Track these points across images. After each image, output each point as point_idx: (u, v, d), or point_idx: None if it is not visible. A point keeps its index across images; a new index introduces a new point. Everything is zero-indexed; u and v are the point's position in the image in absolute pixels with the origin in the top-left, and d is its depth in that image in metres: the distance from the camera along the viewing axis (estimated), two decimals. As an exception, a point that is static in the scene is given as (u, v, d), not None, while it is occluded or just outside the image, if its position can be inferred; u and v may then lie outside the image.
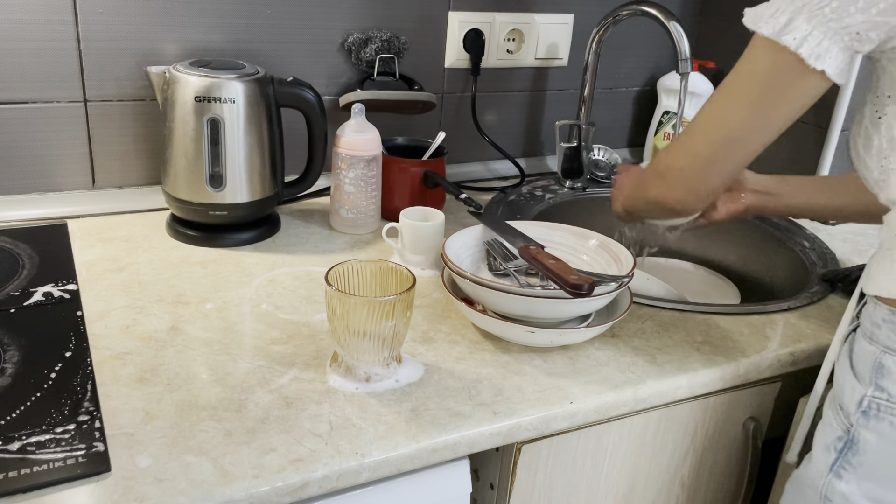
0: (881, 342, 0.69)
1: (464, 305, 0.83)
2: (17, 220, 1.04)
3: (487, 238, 0.95)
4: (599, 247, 0.93)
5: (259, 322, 0.84)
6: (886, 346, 0.69)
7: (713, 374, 0.83)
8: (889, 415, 0.69)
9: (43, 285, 0.87)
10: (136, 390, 0.71)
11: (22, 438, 0.63)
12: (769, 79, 0.70)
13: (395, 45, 1.22)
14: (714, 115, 0.75)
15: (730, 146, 0.74)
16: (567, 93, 1.45)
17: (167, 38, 1.09)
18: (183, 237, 1.03)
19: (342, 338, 0.73)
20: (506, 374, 0.79)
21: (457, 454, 0.70)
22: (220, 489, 0.60)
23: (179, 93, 0.97)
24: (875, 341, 0.70)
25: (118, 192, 1.13)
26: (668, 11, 1.16)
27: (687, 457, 0.90)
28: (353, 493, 0.68)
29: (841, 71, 0.68)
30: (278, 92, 1.03)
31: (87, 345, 0.77)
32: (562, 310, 0.81)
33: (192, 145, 0.98)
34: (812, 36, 0.66)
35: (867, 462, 0.70)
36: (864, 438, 0.70)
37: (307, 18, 1.17)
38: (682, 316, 0.94)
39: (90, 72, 1.06)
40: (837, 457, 0.72)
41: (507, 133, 1.42)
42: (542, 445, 0.78)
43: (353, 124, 1.07)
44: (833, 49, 0.66)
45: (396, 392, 0.74)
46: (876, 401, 0.69)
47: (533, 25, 1.34)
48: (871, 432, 0.70)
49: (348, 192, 1.07)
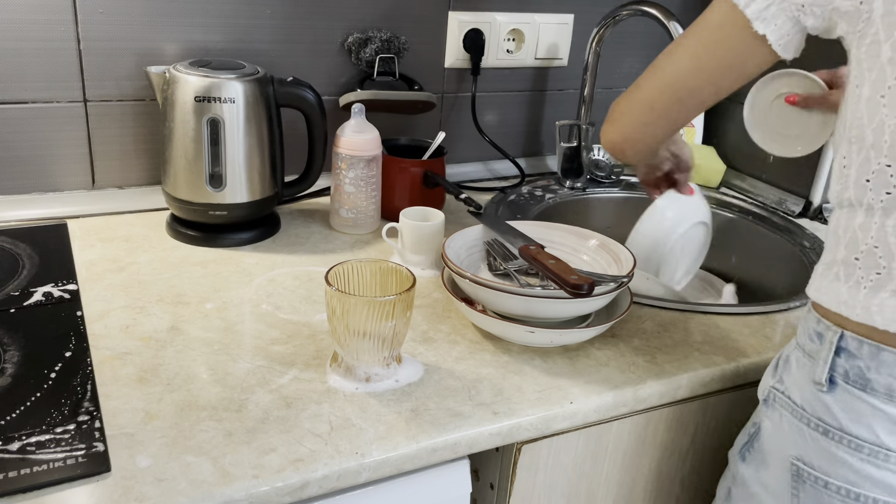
0: (797, 338, 0.72)
1: (464, 305, 0.83)
2: (17, 220, 1.04)
3: (487, 238, 0.95)
4: (599, 247, 0.93)
5: (259, 322, 0.84)
6: (798, 343, 0.71)
7: (713, 374, 0.83)
8: (780, 406, 0.71)
9: (43, 285, 0.87)
10: (136, 390, 0.71)
11: (22, 438, 0.63)
12: (716, 32, 0.71)
13: (395, 45, 1.22)
14: (662, 60, 0.77)
15: (669, 94, 0.75)
16: (567, 93, 1.45)
17: (167, 38, 1.09)
18: (183, 237, 1.03)
19: (342, 338, 0.73)
20: (506, 374, 0.79)
21: (457, 454, 0.70)
22: (220, 489, 0.60)
23: (179, 93, 0.97)
24: (796, 337, 0.73)
25: (118, 192, 1.13)
26: (668, 11, 1.16)
27: (687, 457, 0.90)
28: (353, 493, 0.68)
29: (785, 42, 0.68)
30: (278, 92, 1.03)
31: (87, 345, 0.77)
32: (562, 310, 0.81)
33: (192, 145, 0.98)
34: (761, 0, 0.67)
35: (763, 448, 0.73)
36: (764, 426, 0.74)
37: (307, 18, 1.17)
38: (682, 316, 0.94)
39: (90, 72, 1.06)
40: (747, 440, 0.76)
41: (507, 133, 1.42)
42: (542, 445, 0.78)
43: (353, 124, 1.07)
44: (780, 17, 0.66)
45: (396, 392, 0.74)
46: (774, 391, 0.73)
47: (533, 25, 1.34)
48: (768, 420, 0.73)
49: (348, 192, 1.08)
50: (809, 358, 0.68)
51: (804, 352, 0.69)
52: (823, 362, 0.66)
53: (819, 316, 0.68)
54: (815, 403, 0.67)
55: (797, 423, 0.69)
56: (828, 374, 0.66)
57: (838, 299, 0.66)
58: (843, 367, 0.65)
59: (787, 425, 0.70)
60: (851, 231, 0.65)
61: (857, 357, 0.64)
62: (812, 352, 0.68)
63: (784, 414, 0.71)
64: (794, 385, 0.70)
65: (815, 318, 0.69)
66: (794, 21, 0.66)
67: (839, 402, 0.65)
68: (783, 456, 0.70)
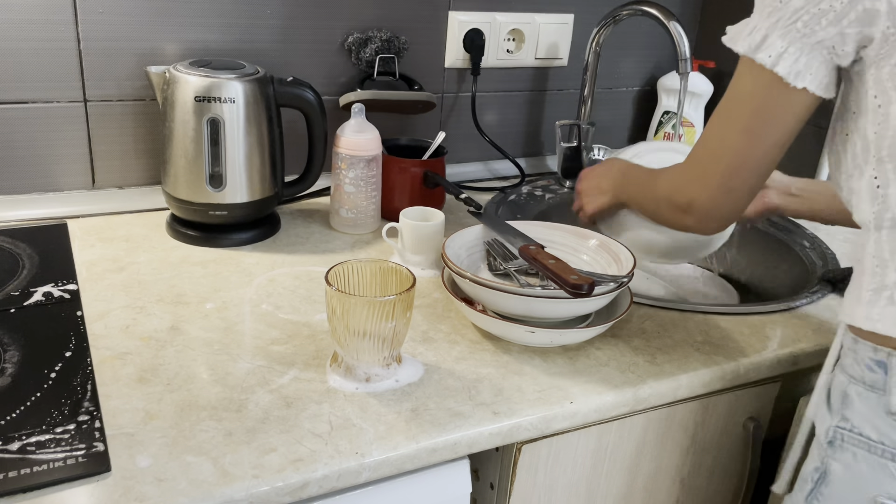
0: (847, 371, 0.69)
1: (464, 305, 0.83)
2: (17, 220, 1.04)
3: (487, 238, 0.95)
4: (599, 247, 0.93)
5: (259, 322, 0.84)
6: (851, 376, 0.68)
7: (713, 374, 0.83)
8: (851, 445, 0.68)
9: (43, 285, 0.87)
10: (136, 390, 0.71)
11: (22, 438, 0.63)
12: (754, 100, 0.68)
13: (395, 45, 1.22)
14: (714, 142, 0.73)
15: (737, 172, 0.72)
16: (567, 93, 1.45)
17: (167, 38, 1.09)
18: (183, 237, 1.03)
19: (342, 338, 0.73)
20: (506, 374, 0.79)
21: (457, 454, 0.70)
22: (220, 489, 0.60)
23: (179, 93, 0.97)
24: (844, 370, 0.69)
25: (118, 192, 1.13)
26: (668, 11, 1.16)
27: (687, 457, 0.90)
28: (353, 493, 0.68)
29: (825, 86, 0.65)
30: (278, 92, 1.03)
31: (87, 345, 0.77)
32: (562, 310, 0.81)
33: (192, 145, 0.98)
34: (788, 53, 0.64)
35: (834, 493, 0.69)
36: (833, 469, 0.69)
37: (307, 18, 1.17)
38: (682, 316, 0.94)
39: (90, 72, 1.06)
40: (813, 487, 0.72)
41: (507, 133, 1.42)
42: (542, 445, 0.78)
43: (353, 124, 1.07)
44: (813, 64, 0.64)
45: (396, 392, 0.74)
46: (840, 431, 0.68)
47: (533, 25, 1.34)
48: (837, 462, 0.69)
49: (348, 192, 1.07)
50: (874, 389, 0.65)
51: (865, 384, 0.66)
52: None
53: (875, 345, 0.65)
54: (894, 435, 0.64)
55: (879, 460, 0.65)
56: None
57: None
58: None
59: (864, 465, 0.66)
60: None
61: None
62: (876, 382, 0.65)
63: (859, 453, 0.67)
64: (863, 421, 0.66)
65: (871, 348, 0.65)
66: (828, 62, 0.64)
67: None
68: (864, 497, 0.67)
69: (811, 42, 0.63)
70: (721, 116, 0.72)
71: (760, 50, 0.65)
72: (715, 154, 0.73)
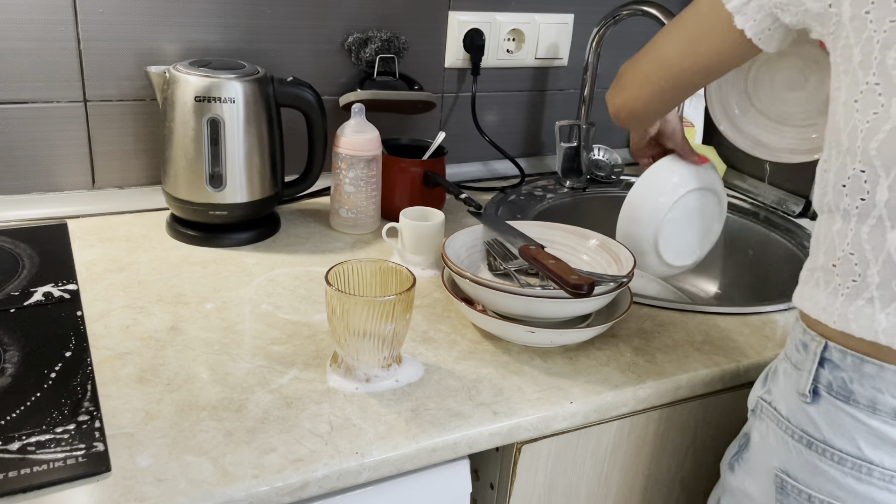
0: (785, 349, 0.71)
1: (464, 305, 0.83)
2: (17, 220, 1.04)
3: (487, 238, 0.95)
4: (599, 247, 0.93)
5: (259, 322, 0.84)
6: (786, 353, 0.71)
7: (713, 374, 0.83)
8: (767, 417, 0.71)
9: (43, 285, 0.87)
10: (136, 390, 0.71)
11: (22, 438, 0.63)
12: (703, 21, 0.73)
13: (395, 45, 1.22)
14: (659, 40, 0.80)
15: (664, 72, 0.79)
16: (567, 93, 1.45)
17: (167, 38, 1.09)
18: (183, 237, 1.03)
19: (342, 338, 0.73)
20: (506, 374, 0.79)
21: (457, 454, 0.70)
22: (220, 489, 0.60)
23: (179, 93, 0.97)
24: (784, 347, 0.72)
25: (118, 192, 1.13)
26: (668, 11, 1.16)
27: (687, 457, 0.90)
28: (353, 493, 0.68)
29: (765, 37, 0.69)
30: (278, 92, 1.03)
31: (87, 345, 0.77)
32: (562, 310, 0.81)
33: (192, 145, 0.98)
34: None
35: (750, 459, 0.73)
36: (753, 437, 0.73)
37: (307, 18, 1.17)
38: (682, 316, 0.94)
39: (90, 72, 1.06)
40: (737, 451, 0.76)
41: (507, 133, 1.42)
42: (542, 445, 0.78)
43: (353, 124, 1.07)
44: (759, 13, 0.68)
45: (396, 392, 0.74)
46: (762, 402, 0.72)
47: (533, 25, 1.34)
48: (756, 432, 0.73)
49: (348, 192, 1.08)
50: (795, 369, 0.68)
51: (791, 363, 0.69)
52: (808, 373, 0.66)
53: (805, 326, 0.68)
54: (799, 415, 0.67)
55: (782, 435, 0.68)
56: (812, 385, 0.65)
57: (817, 306, 0.65)
58: (827, 379, 0.65)
59: (772, 437, 0.70)
60: (830, 237, 0.65)
61: (840, 368, 0.64)
62: (798, 362, 0.68)
63: (770, 425, 0.70)
64: (780, 396, 0.70)
65: (802, 328, 0.68)
66: (774, 17, 0.67)
67: (823, 415, 0.65)
68: (769, 468, 0.70)
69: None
70: (674, 22, 0.79)
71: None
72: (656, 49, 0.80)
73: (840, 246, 0.63)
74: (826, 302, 0.65)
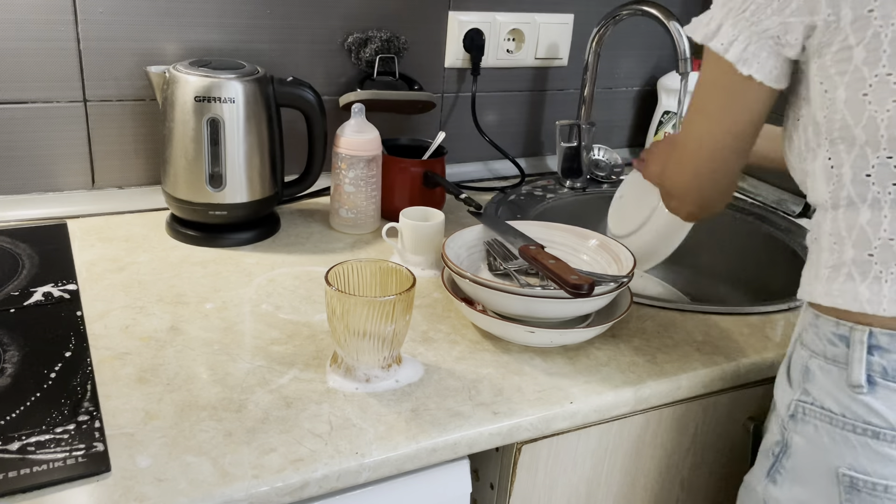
0: (809, 346, 0.70)
1: (464, 305, 0.83)
2: (17, 220, 1.04)
3: (487, 238, 0.95)
4: (599, 247, 0.93)
5: (259, 322, 0.84)
6: (812, 351, 0.70)
7: (713, 374, 0.83)
8: (813, 418, 0.69)
9: (43, 285, 0.87)
10: (136, 390, 0.71)
11: (22, 438, 0.63)
12: (715, 87, 0.71)
13: (395, 44, 1.22)
14: (687, 128, 0.76)
15: (711, 155, 0.74)
16: (567, 93, 1.45)
17: (167, 38, 1.08)
18: (183, 237, 1.03)
19: (342, 338, 0.73)
20: (506, 374, 0.79)
21: (457, 454, 0.70)
22: (220, 489, 0.60)
23: (179, 93, 0.97)
24: (805, 345, 0.71)
25: (118, 192, 1.13)
26: (669, 11, 1.16)
27: (687, 457, 0.90)
28: (353, 493, 0.68)
29: (775, 76, 0.67)
30: (278, 92, 1.03)
31: (87, 345, 0.77)
32: (562, 310, 0.81)
33: (192, 145, 0.98)
34: (738, 41, 0.66)
35: (796, 466, 0.71)
36: (795, 443, 0.71)
37: (307, 18, 1.17)
38: (682, 316, 0.94)
39: (90, 72, 1.06)
40: (774, 461, 0.73)
41: (507, 133, 1.42)
42: (542, 445, 0.78)
43: (353, 124, 1.07)
44: (761, 53, 0.66)
45: (396, 392, 0.74)
46: (802, 405, 0.70)
47: (533, 25, 1.34)
48: (799, 436, 0.70)
49: (348, 192, 1.07)
50: (835, 363, 0.67)
51: (826, 358, 0.68)
52: (858, 363, 0.65)
53: (836, 319, 0.67)
54: (856, 408, 0.65)
55: (840, 433, 0.66)
56: (865, 374, 0.65)
57: (859, 299, 0.65)
58: (880, 364, 0.64)
59: (826, 437, 0.68)
60: (858, 228, 0.65)
61: (891, 351, 0.63)
62: (836, 357, 0.67)
63: (821, 425, 0.68)
64: (825, 394, 0.68)
65: (833, 322, 0.67)
66: (776, 53, 0.66)
67: (882, 400, 0.64)
68: (827, 469, 0.68)
69: (758, 31, 0.65)
70: (692, 105, 0.75)
71: (715, 38, 0.68)
72: (690, 138, 0.76)
73: (875, 234, 0.64)
74: (870, 293, 0.64)
